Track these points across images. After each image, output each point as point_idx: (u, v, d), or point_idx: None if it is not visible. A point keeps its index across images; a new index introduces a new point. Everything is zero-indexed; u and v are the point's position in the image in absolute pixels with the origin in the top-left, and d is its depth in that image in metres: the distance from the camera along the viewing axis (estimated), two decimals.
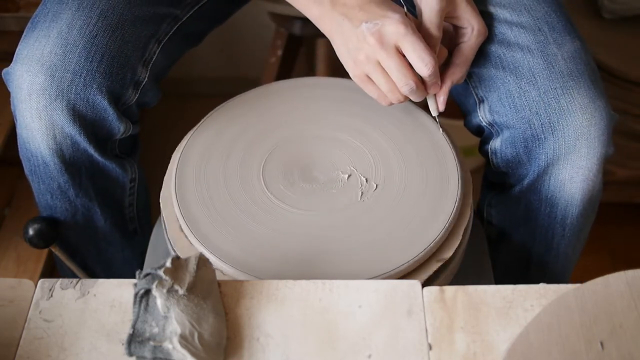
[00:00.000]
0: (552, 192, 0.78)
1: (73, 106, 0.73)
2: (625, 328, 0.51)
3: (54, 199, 0.83)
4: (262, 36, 1.52)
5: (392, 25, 0.68)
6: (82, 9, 0.74)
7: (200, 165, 0.74)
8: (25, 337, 0.55)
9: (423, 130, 0.77)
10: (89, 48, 0.73)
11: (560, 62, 0.74)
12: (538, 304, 0.56)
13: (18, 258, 1.18)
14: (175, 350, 0.52)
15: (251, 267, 0.65)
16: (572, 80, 0.73)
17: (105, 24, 0.74)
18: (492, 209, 0.89)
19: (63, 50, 0.72)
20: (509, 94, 0.75)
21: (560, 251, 0.85)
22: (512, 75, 0.75)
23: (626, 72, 1.22)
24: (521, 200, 0.82)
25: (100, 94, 0.74)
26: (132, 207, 0.91)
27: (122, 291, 0.58)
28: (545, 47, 0.74)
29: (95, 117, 0.75)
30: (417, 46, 0.68)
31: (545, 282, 0.58)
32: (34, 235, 0.82)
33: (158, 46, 0.80)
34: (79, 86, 0.73)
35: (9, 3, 1.25)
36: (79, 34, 0.73)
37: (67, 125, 0.74)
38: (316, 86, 0.83)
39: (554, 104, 0.73)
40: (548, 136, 0.74)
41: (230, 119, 0.79)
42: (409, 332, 0.55)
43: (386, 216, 0.70)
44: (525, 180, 0.79)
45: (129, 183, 0.87)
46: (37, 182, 0.82)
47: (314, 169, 0.74)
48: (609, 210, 0.91)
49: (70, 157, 0.78)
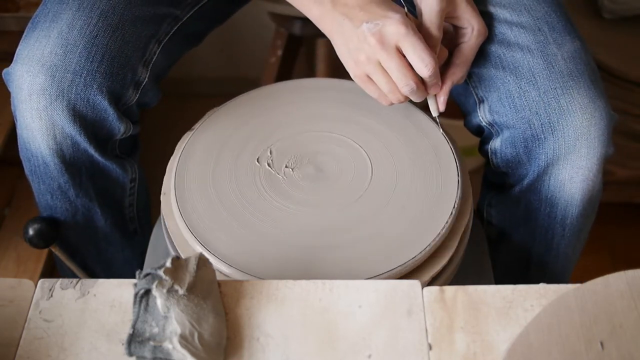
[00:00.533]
0: (552, 192, 0.78)
1: (73, 106, 0.73)
2: (625, 328, 0.51)
3: (54, 199, 0.83)
4: (262, 36, 1.52)
5: (392, 25, 0.68)
6: (83, 9, 0.74)
7: (200, 165, 0.74)
8: (25, 337, 0.55)
9: (423, 130, 0.77)
10: (90, 48, 0.73)
11: (560, 62, 0.74)
12: (538, 304, 0.56)
13: (18, 258, 1.18)
14: (175, 350, 0.52)
15: (251, 267, 0.65)
16: (572, 80, 0.73)
17: (105, 24, 0.74)
18: (492, 209, 0.89)
19: (63, 50, 0.72)
20: (509, 94, 0.75)
21: (560, 251, 0.85)
22: (512, 75, 0.75)
23: (626, 72, 1.22)
24: (521, 200, 0.82)
25: (101, 94, 0.74)
26: (132, 207, 0.91)
27: (122, 291, 0.58)
28: (545, 47, 0.74)
29: (95, 118, 0.75)
30: (417, 47, 0.68)
31: (545, 282, 0.58)
32: (34, 235, 0.82)
33: (158, 46, 0.80)
34: (80, 86, 0.73)
35: (9, 3, 1.25)
36: (79, 34, 0.73)
37: (68, 125, 0.74)
38: (316, 87, 0.83)
39: (554, 104, 0.73)
40: (548, 136, 0.74)
41: (230, 119, 0.79)
42: (409, 332, 0.55)
43: (386, 216, 0.70)
44: (525, 180, 0.79)
45: (129, 183, 0.87)
46: (38, 182, 0.82)
47: (314, 169, 0.74)
48: (609, 210, 0.91)
49: (71, 157, 0.78)
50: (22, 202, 1.25)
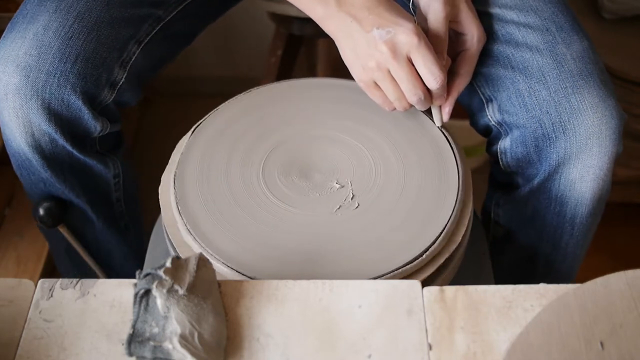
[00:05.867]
0: (562, 191, 0.78)
1: (48, 105, 0.75)
2: (625, 328, 0.51)
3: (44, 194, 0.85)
4: (262, 36, 1.52)
5: (405, 34, 0.67)
6: (60, 11, 0.75)
7: (200, 165, 0.74)
8: (25, 337, 0.55)
9: (423, 129, 0.77)
10: (64, 49, 0.74)
11: (569, 61, 0.74)
12: (538, 304, 0.56)
13: (18, 258, 1.18)
14: (175, 350, 0.52)
15: (251, 267, 0.65)
16: (582, 79, 0.73)
17: (81, 26, 0.75)
18: (499, 209, 0.89)
19: (38, 51, 0.73)
20: (519, 93, 0.75)
21: (568, 251, 0.84)
22: (521, 75, 0.75)
23: (626, 72, 1.22)
24: (530, 200, 0.82)
25: (75, 94, 0.75)
26: (120, 203, 0.92)
27: (122, 291, 0.58)
28: (554, 46, 0.74)
29: (70, 116, 0.76)
30: (428, 59, 0.67)
31: (551, 282, 0.58)
32: (44, 214, 0.84)
33: (138, 47, 0.81)
34: (53, 86, 0.74)
35: (9, 3, 1.25)
36: (54, 36, 0.74)
37: (43, 123, 0.75)
38: (316, 87, 0.83)
39: (565, 103, 0.73)
40: (559, 135, 0.74)
41: (230, 119, 0.79)
42: (409, 332, 0.55)
43: (386, 216, 0.70)
44: (536, 180, 0.79)
45: (112, 179, 0.88)
46: (27, 177, 0.84)
47: (314, 169, 0.74)
48: (609, 210, 0.90)
49: (50, 154, 0.79)
50: (22, 202, 1.25)
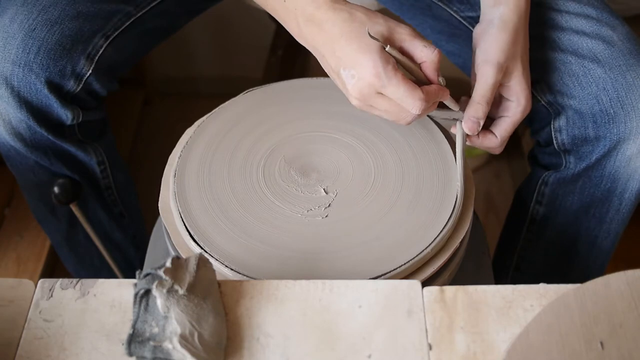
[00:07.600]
0: (617, 167, 0.78)
1: (18, 93, 0.78)
2: (625, 328, 0.51)
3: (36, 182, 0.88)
4: (262, 36, 1.52)
5: (365, 79, 0.63)
6: (26, 5, 0.78)
7: (200, 165, 0.74)
8: (25, 337, 0.55)
9: (423, 129, 0.77)
10: (27, 41, 0.77)
11: (617, 42, 0.76)
12: (538, 304, 0.56)
13: (18, 258, 1.18)
14: (175, 350, 0.52)
15: (251, 267, 0.65)
16: (632, 58, 0.75)
17: (44, 19, 0.77)
18: (547, 188, 0.87)
19: (4, 42, 0.77)
20: (572, 72, 0.76)
21: (612, 227, 0.85)
22: (573, 56, 0.76)
23: None
24: (581, 177, 0.82)
25: (40, 83, 0.77)
26: (111, 190, 0.94)
27: (122, 291, 0.58)
28: (599, 29, 0.76)
29: (40, 104, 0.79)
30: (398, 95, 0.63)
31: (591, 261, 0.57)
32: (59, 192, 0.86)
33: (105, 40, 0.82)
34: (19, 75, 0.77)
35: None
36: (18, 27, 0.77)
37: (17, 111, 0.78)
38: (316, 87, 0.83)
39: (621, 80, 0.74)
40: (618, 111, 0.74)
41: (230, 119, 0.79)
42: (409, 332, 0.55)
43: (386, 216, 0.70)
44: (593, 156, 0.79)
45: (97, 166, 0.90)
46: (17, 167, 0.86)
47: (314, 169, 0.74)
48: None
49: (31, 140, 0.82)
50: (22, 202, 1.25)
